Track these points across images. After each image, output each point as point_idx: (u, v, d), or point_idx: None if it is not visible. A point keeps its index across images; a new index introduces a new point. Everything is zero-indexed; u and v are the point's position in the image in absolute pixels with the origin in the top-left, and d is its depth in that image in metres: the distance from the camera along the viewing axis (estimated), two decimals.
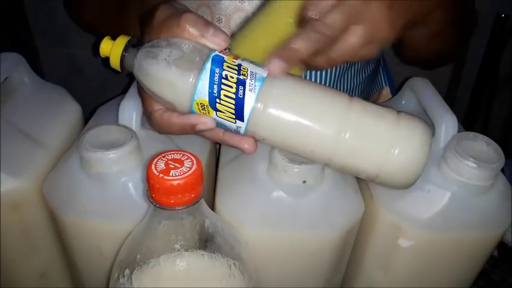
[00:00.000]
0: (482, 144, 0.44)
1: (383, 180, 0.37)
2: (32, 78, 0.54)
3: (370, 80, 0.68)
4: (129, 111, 0.44)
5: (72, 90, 0.58)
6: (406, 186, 0.38)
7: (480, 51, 1.07)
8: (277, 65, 0.35)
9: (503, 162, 0.42)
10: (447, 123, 0.44)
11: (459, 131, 0.45)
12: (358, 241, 0.48)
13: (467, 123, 1.16)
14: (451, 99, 1.13)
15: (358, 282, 0.51)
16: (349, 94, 0.58)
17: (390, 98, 0.64)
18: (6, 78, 0.50)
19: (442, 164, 0.43)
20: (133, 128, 0.44)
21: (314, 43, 0.36)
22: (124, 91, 0.46)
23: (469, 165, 0.41)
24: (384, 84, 0.74)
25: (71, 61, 1.07)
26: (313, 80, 0.59)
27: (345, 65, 0.60)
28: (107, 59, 0.38)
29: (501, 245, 0.64)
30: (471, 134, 0.44)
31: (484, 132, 0.45)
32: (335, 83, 0.60)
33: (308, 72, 0.58)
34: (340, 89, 0.61)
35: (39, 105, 0.53)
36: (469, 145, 0.43)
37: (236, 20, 0.54)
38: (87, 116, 0.56)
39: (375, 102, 0.72)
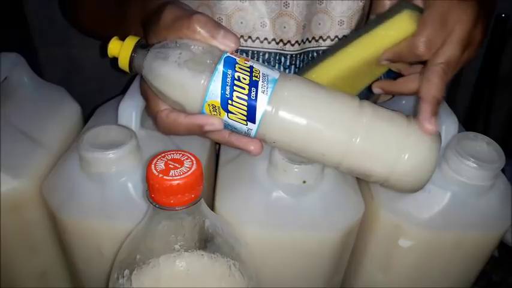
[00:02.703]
0: (482, 144, 0.44)
1: (393, 184, 0.37)
2: (32, 78, 0.54)
3: None
4: (129, 111, 0.44)
5: (72, 90, 0.58)
6: (415, 190, 0.38)
7: (480, 51, 1.07)
8: (434, 124, 0.37)
9: (504, 162, 0.42)
10: (447, 123, 0.44)
11: (459, 131, 0.45)
12: (358, 241, 0.48)
13: (468, 123, 1.16)
14: (451, 99, 1.13)
15: (358, 282, 0.51)
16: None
17: (390, 98, 0.64)
18: (5, 78, 0.50)
19: (442, 164, 0.43)
20: (133, 128, 0.44)
21: (444, 85, 0.40)
22: (123, 91, 0.46)
23: (469, 166, 0.41)
24: None
25: (71, 61, 1.07)
26: None
27: None
28: (114, 59, 0.38)
29: (501, 245, 0.63)
30: (471, 134, 0.44)
31: (485, 132, 0.45)
32: None
33: None
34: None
35: (39, 105, 0.53)
36: (469, 145, 0.43)
37: (237, 19, 0.54)
38: (86, 116, 0.56)
39: (375, 101, 0.72)
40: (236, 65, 0.35)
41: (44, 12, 0.98)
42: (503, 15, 1.02)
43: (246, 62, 0.36)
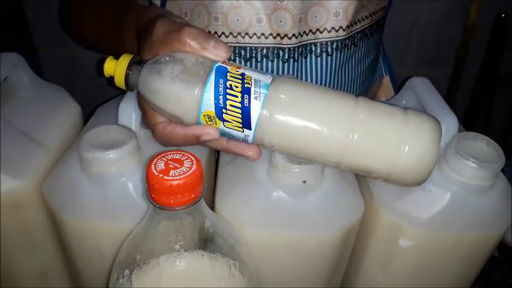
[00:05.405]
0: (482, 144, 0.44)
1: (395, 178, 0.37)
2: (32, 78, 0.54)
3: (370, 70, 0.68)
4: (129, 111, 0.44)
5: (72, 90, 0.58)
6: (419, 182, 0.37)
7: (480, 51, 1.07)
8: None
9: (504, 162, 0.42)
10: (447, 123, 0.44)
11: (459, 130, 0.45)
12: (358, 241, 0.48)
13: (468, 123, 1.16)
14: (451, 99, 1.13)
15: (358, 282, 0.51)
16: (350, 85, 0.58)
17: (390, 98, 0.64)
18: (5, 78, 0.50)
19: (442, 163, 0.43)
20: (133, 128, 0.44)
21: None
22: (123, 91, 0.46)
23: (469, 165, 0.41)
24: (384, 74, 0.74)
25: (71, 61, 1.07)
26: (313, 71, 0.59)
27: (346, 56, 0.60)
28: (111, 78, 0.39)
29: (501, 245, 0.63)
30: (471, 134, 0.44)
31: (485, 132, 0.45)
32: (335, 73, 0.61)
33: (309, 63, 0.59)
34: (341, 80, 0.61)
35: (39, 105, 0.53)
36: (469, 145, 0.43)
37: (233, 17, 0.55)
38: (86, 116, 0.56)
39: (376, 92, 0.73)
40: (228, 74, 0.35)
41: (44, 12, 0.98)
42: (503, 15, 1.02)
43: (237, 69, 0.36)
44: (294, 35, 0.56)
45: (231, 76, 0.35)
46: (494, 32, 1.04)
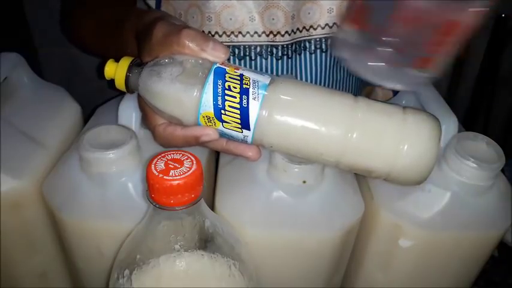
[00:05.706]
0: (482, 144, 0.44)
1: (395, 177, 0.37)
2: (32, 78, 0.54)
3: None
4: (129, 111, 0.44)
5: (72, 90, 0.58)
6: (419, 181, 0.37)
7: (480, 51, 1.07)
8: None
9: (504, 162, 0.42)
10: (447, 123, 0.44)
11: (459, 130, 0.45)
12: (358, 241, 0.48)
13: (468, 123, 1.16)
14: (451, 99, 1.13)
15: (358, 282, 0.51)
16: (346, 81, 0.58)
17: (391, 98, 0.64)
18: (5, 78, 0.50)
19: (442, 164, 0.43)
20: (133, 128, 0.44)
21: None
22: (124, 92, 0.46)
23: (469, 165, 0.41)
24: None
25: (71, 61, 1.07)
26: (308, 68, 0.59)
27: None
28: (112, 80, 0.39)
29: (501, 245, 0.63)
30: (471, 134, 0.44)
31: (485, 132, 0.44)
32: (331, 70, 0.61)
33: (303, 60, 0.59)
34: (336, 77, 0.61)
35: (39, 105, 0.53)
36: (469, 145, 0.43)
37: (225, 16, 0.55)
38: (86, 116, 0.56)
39: (373, 87, 0.73)
40: (226, 75, 0.35)
41: (44, 12, 0.98)
42: (503, 15, 1.02)
43: (236, 70, 0.36)
44: (286, 32, 0.56)
45: (229, 77, 0.35)
46: (494, 32, 1.04)
